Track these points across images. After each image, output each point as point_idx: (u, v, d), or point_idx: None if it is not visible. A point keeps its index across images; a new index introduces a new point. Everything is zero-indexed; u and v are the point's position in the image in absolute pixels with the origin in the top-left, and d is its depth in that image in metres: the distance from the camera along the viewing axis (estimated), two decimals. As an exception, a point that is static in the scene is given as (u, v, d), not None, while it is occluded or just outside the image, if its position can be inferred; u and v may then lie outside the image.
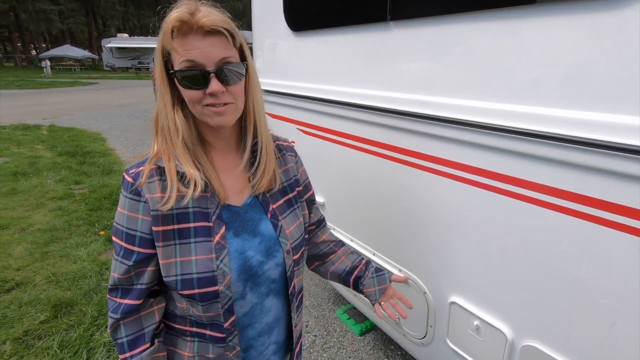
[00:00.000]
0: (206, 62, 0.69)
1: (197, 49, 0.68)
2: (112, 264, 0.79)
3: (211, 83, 0.69)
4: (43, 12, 33.57)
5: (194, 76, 0.69)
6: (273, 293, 0.85)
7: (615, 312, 0.89)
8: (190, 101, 0.72)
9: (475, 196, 1.15)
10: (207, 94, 0.70)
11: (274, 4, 1.92)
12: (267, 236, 0.82)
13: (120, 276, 0.77)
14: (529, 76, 0.96)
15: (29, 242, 3.21)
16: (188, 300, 0.76)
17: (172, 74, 0.71)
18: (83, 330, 2.16)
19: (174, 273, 0.74)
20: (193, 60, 0.68)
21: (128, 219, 0.75)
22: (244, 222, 0.80)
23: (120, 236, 0.76)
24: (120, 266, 0.77)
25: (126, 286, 0.78)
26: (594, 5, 0.82)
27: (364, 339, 2.23)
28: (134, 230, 0.74)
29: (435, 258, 1.36)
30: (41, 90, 16.56)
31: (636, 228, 0.82)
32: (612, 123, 0.81)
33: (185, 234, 0.74)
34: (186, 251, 0.74)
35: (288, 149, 0.97)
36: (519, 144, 0.98)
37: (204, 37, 0.68)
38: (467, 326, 1.27)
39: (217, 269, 0.74)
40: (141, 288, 0.78)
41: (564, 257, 0.97)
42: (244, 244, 0.79)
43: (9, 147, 6.34)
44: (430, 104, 1.22)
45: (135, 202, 0.74)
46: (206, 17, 0.67)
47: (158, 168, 0.75)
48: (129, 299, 0.78)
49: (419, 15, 1.22)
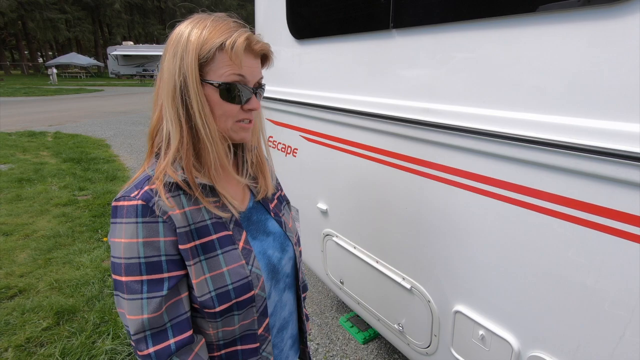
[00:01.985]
0: (251, 81, 0.73)
1: (249, 67, 0.72)
2: (130, 307, 0.66)
3: (252, 100, 0.74)
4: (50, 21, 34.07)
5: (240, 91, 0.72)
6: (287, 287, 0.89)
7: (625, 322, 0.87)
8: (223, 115, 0.72)
9: (480, 204, 1.14)
10: (245, 109, 0.74)
11: (277, 13, 1.94)
12: (277, 233, 0.87)
13: (151, 315, 0.67)
14: (531, 83, 0.96)
15: (32, 249, 3.22)
16: (222, 316, 0.73)
17: (212, 84, 0.69)
18: (85, 338, 2.15)
19: (207, 290, 0.70)
20: (244, 76, 0.71)
21: (145, 247, 0.66)
22: (254, 224, 0.83)
23: (136, 271, 0.66)
24: (150, 303, 0.66)
25: (159, 327, 0.68)
26: (595, 13, 0.82)
27: (367, 347, 2.20)
28: (157, 256, 0.67)
29: (440, 266, 1.35)
30: (47, 97, 16.76)
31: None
32: (617, 131, 0.81)
33: (210, 247, 0.72)
34: (215, 265, 0.71)
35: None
36: (524, 152, 0.98)
37: (255, 58, 0.74)
38: (472, 336, 1.26)
39: (251, 274, 0.75)
40: (182, 320, 0.71)
41: (572, 266, 0.95)
42: (263, 245, 0.82)
43: (14, 154, 6.40)
44: (433, 111, 1.22)
45: (153, 224, 0.67)
46: (259, 42, 0.73)
47: (167, 184, 0.70)
48: (176, 337, 0.69)
49: (421, 23, 1.23)
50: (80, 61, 33.79)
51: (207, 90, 0.70)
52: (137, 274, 0.66)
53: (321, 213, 1.98)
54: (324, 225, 1.99)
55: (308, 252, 2.26)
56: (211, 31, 0.69)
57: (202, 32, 0.68)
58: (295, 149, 2.08)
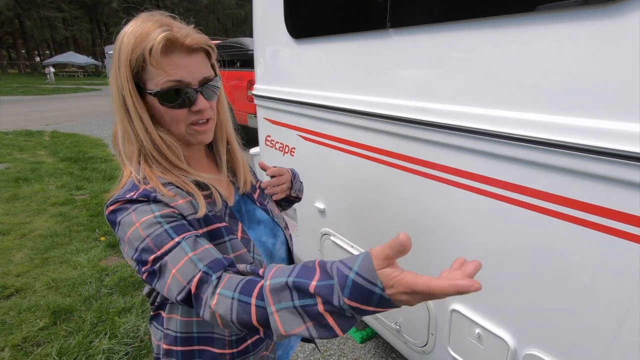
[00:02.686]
0: (192, 81, 0.69)
1: (183, 68, 0.67)
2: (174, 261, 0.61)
3: (198, 101, 0.70)
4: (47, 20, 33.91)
5: (180, 95, 0.68)
6: None
7: (621, 321, 0.88)
8: (173, 121, 0.71)
9: (477, 203, 1.15)
10: (193, 111, 0.70)
11: (275, 12, 1.94)
12: (266, 221, 0.89)
13: (197, 251, 0.62)
14: (529, 83, 0.96)
15: (29, 248, 3.21)
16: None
17: (151, 94, 0.67)
18: (82, 337, 2.14)
19: None
20: (180, 80, 0.67)
21: (164, 217, 0.64)
22: (245, 215, 0.86)
23: (165, 239, 0.62)
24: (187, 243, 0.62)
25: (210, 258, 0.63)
26: (592, 12, 0.83)
27: (364, 346, 2.20)
28: (178, 220, 0.65)
29: (436, 265, 1.35)
30: (44, 96, 16.68)
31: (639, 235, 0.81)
32: (614, 130, 0.81)
33: (218, 234, 0.73)
34: (223, 251, 0.73)
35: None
36: (520, 151, 0.98)
37: (189, 55, 0.68)
38: (469, 334, 1.26)
39: (254, 260, 0.77)
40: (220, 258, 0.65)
41: (568, 265, 0.96)
42: (257, 233, 0.85)
43: (11, 153, 6.36)
44: (430, 110, 1.22)
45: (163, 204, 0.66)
46: (189, 36, 0.67)
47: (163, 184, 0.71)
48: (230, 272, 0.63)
49: (418, 22, 1.23)
50: (77, 60, 33.66)
51: (150, 100, 0.69)
52: (167, 241, 0.62)
53: (319, 212, 1.99)
54: (322, 225, 1.99)
55: (306, 251, 2.26)
56: (136, 38, 0.65)
57: (129, 40, 0.65)
58: (292, 149, 2.08)
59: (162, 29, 0.65)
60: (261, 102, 2.26)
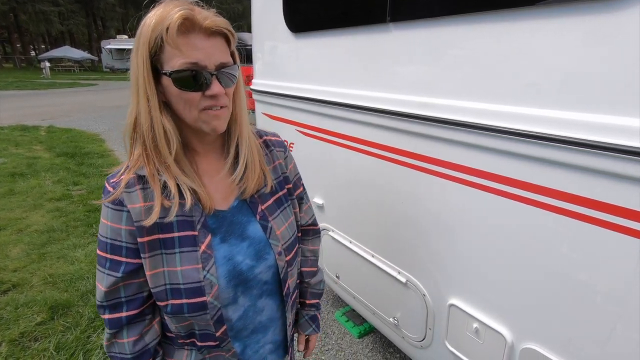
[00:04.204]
0: (208, 64, 0.67)
1: (201, 50, 0.66)
2: (98, 276, 0.75)
3: (213, 85, 0.68)
4: (43, 14, 33.55)
5: (196, 77, 0.66)
6: (266, 294, 0.84)
7: (617, 315, 0.89)
8: (186, 104, 0.69)
9: (475, 198, 1.15)
10: (207, 96, 0.68)
11: (273, 6, 1.92)
12: (257, 239, 0.80)
13: (107, 289, 0.73)
14: (529, 78, 0.96)
15: (26, 244, 3.20)
16: (174, 314, 0.73)
17: (166, 74, 0.67)
18: (80, 332, 2.14)
19: (162, 283, 0.72)
20: (196, 62, 0.66)
21: (112, 230, 0.72)
22: (231, 226, 0.78)
23: (104, 248, 0.73)
24: (108, 278, 0.73)
25: (115, 300, 0.75)
26: (593, 6, 0.83)
27: (362, 341, 2.22)
28: (119, 241, 0.72)
29: (435, 260, 1.36)
30: (40, 91, 16.53)
31: (637, 230, 0.81)
32: (613, 125, 0.81)
33: (169, 243, 0.72)
34: (172, 261, 0.72)
35: (277, 144, 0.92)
36: (519, 146, 0.98)
37: (207, 38, 0.67)
38: (467, 329, 1.27)
39: (204, 280, 0.72)
40: (135, 298, 0.76)
41: (565, 260, 0.96)
42: (232, 250, 0.77)
43: (7, 148, 6.31)
44: (429, 105, 1.22)
45: (118, 212, 0.71)
46: (209, 18, 0.66)
47: (139, 177, 0.71)
48: (128, 312, 0.75)
49: (418, 16, 1.22)
50: (73, 55, 33.32)
51: (165, 82, 0.68)
52: (104, 251, 0.73)
53: (317, 207, 1.98)
54: (320, 220, 1.99)
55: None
56: (157, 19, 0.64)
57: (150, 21, 0.65)
58: (291, 144, 2.08)
59: (182, 8, 0.64)
60: (260, 97, 2.25)
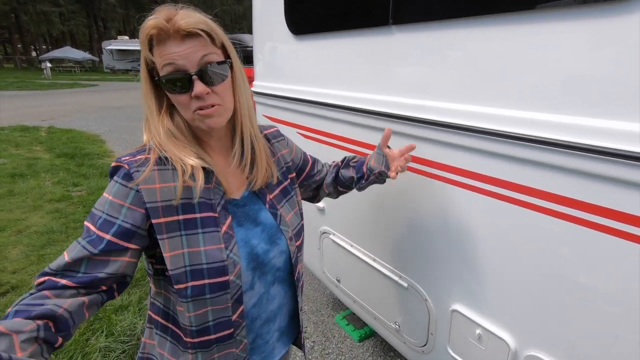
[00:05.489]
0: (187, 65, 0.69)
1: (177, 53, 0.69)
2: (70, 246, 0.69)
3: (195, 85, 0.70)
4: (44, 14, 33.62)
5: (178, 79, 0.69)
6: (278, 281, 0.88)
7: (622, 322, 0.87)
8: (180, 107, 0.74)
9: (478, 203, 1.13)
10: (192, 97, 0.71)
11: (274, 8, 1.91)
12: (269, 224, 0.85)
13: (71, 260, 0.66)
14: (531, 81, 0.95)
15: (25, 245, 3.18)
16: (194, 297, 0.72)
17: (157, 81, 0.72)
18: (78, 335, 2.13)
19: (182, 264, 0.71)
20: (173, 62, 0.69)
21: (111, 205, 0.69)
22: (245, 212, 0.83)
23: (94, 221, 0.69)
24: (80, 251, 0.66)
25: (71, 272, 0.66)
26: (594, 11, 0.82)
27: (363, 345, 2.20)
28: (114, 218, 0.69)
29: (437, 265, 1.34)
30: (41, 91, 16.54)
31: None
32: (616, 130, 0.80)
33: (192, 224, 0.73)
34: (194, 242, 0.72)
35: (276, 136, 0.99)
36: (522, 150, 0.97)
37: (183, 41, 0.69)
38: (469, 335, 1.25)
39: (227, 259, 0.74)
40: (88, 276, 0.66)
41: (570, 266, 0.95)
42: (248, 233, 0.81)
43: (7, 149, 6.30)
44: (432, 108, 1.21)
45: (125, 188, 0.70)
46: (182, 20, 0.67)
47: (158, 157, 0.73)
48: (66, 280, 0.65)
49: (421, 19, 1.21)
50: (74, 55, 33.37)
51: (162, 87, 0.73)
52: (93, 223, 0.69)
53: (318, 210, 1.97)
54: (321, 223, 1.98)
55: (305, 249, 2.24)
56: (141, 29, 0.69)
57: (140, 32, 0.70)
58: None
59: (155, 17, 0.67)
60: (260, 99, 2.24)
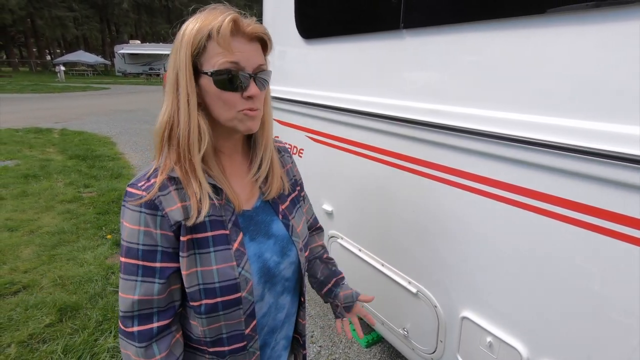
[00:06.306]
0: (247, 66, 0.71)
1: (242, 52, 0.70)
2: (126, 285, 0.72)
3: (250, 86, 0.72)
4: (59, 19, 34.36)
5: (235, 78, 0.70)
6: (286, 291, 0.88)
7: (638, 331, 0.85)
8: (225, 104, 0.72)
9: (488, 208, 1.12)
10: (244, 97, 0.72)
11: (285, 12, 1.93)
12: (280, 236, 0.85)
13: (140, 297, 0.71)
14: (542, 85, 0.94)
15: (37, 245, 3.23)
16: (207, 314, 0.73)
17: (207, 74, 0.70)
18: (87, 335, 2.15)
19: (196, 282, 0.72)
20: (237, 62, 0.70)
21: (145, 235, 0.70)
22: (257, 225, 0.82)
23: (134, 255, 0.71)
24: (143, 286, 0.71)
25: (147, 309, 0.72)
26: (604, 15, 0.80)
27: (370, 351, 2.18)
28: (154, 246, 0.71)
29: (447, 271, 1.32)
30: (54, 94, 16.88)
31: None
32: (623, 134, 0.79)
33: (204, 243, 0.73)
34: (206, 261, 0.73)
35: (284, 150, 0.99)
36: (534, 155, 0.95)
37: (249, 42, 0.71)
38: (480, 343, 1.23)
39: (240, 276, 0.74)
40: (167, 308, 0.74)
41: (582, 273, 0.93)
42: (260, 247, 0.81)
43: (21, 150, 6.44)
44: (442, 112, 1.20)
45: (152, 216, 0.70)
46: (251, 25, 0.70)
47: (170, 178, 0.73)
48: (160, 322, 0.73)
49: (432, 23, 1.21)
50: (87, 59, 34.03)
51: (204, 81, 0.71)
52: (135, 257, 0.71)
53: (326, 214, 1.97)
54: (329, 227, 1.97)
55: (312, 253, 2.24)
56: (202, 22, 0.69)
57: (195, 24, 0.69)
58: (301, 150, 2.07)
59: (230, 13, 0.70)
60: (270, 103, 2.25)
